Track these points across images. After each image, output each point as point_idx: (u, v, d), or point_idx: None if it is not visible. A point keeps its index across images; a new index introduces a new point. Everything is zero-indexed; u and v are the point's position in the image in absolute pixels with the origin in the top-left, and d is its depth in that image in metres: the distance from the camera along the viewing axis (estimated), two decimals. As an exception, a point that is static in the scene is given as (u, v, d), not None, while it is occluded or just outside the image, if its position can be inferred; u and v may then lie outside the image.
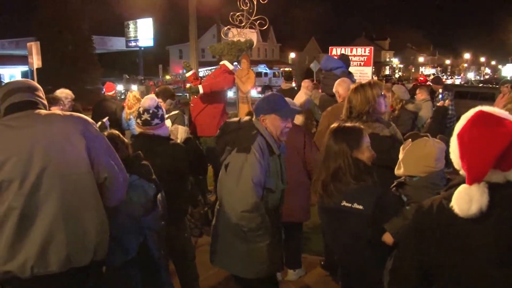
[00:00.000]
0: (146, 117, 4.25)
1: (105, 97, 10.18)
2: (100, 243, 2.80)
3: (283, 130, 3.67)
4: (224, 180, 3.62)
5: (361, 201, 3.04)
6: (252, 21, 8.55)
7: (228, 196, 3.56)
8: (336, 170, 3.16)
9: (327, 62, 7.24)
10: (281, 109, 3.67)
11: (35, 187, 2.59)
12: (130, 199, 3.28)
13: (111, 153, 2.91)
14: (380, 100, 4.19)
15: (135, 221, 3.34)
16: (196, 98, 7.29)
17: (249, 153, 3.47)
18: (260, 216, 3.50)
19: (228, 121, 3.78)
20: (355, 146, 3.18)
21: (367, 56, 11.00)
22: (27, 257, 2.59)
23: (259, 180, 3.47)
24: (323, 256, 5.74)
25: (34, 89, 2.90)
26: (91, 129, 2.84)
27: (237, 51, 7.82)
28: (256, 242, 3.58)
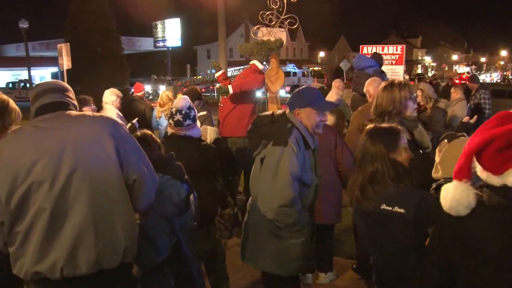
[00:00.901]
0: (179, 118, 4.27)
1: (134, 97, 10.27)
2: (129, 245, 2.80)
3: (319, 124, 3.66)
4: (259, 175, 3.60)
5: (402, 204, 2.95)
6: (282, 20, 8.55)
7: (264, 191, 3.54)
8: (374, 172, 3.07)
9: (359, 61, 7.20)
10: (316, 102, 3.66)
11: (65, 188, 2.60)
12: (163, 200, 3.29)
13: (140, 155, 2.91)
14: (407, 102, 4.12)
15: (168, 222, 3.35)
16: (225, 98, 7.29)
17: (286, 146, 3.45)
18: (298, 211, 3.49)
19: (261, 115, 3.77)
20: (392, 148, 3.10)
21: (399, 55, 10.86)
22: (57, 258, 2.61)
23: (296, 174, 3.46)
24: (355, 259, 5.69)
25: (64, 90, 2.91)
26: (120, 130, 2.84)
27: (267, 50, 7.81)
28: (291, 238, 3.57)
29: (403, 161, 3.13)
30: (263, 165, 3.56)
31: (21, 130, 2.74)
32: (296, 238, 3.58)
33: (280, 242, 3.60)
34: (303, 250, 3.63)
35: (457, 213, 2.02)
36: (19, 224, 2.62)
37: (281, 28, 8.96)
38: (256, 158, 3.68)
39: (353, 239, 5.76)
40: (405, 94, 4.10)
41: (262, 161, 3.58)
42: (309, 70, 50.80)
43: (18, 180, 2.57)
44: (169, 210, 3.35)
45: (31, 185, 2.58)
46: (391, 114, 4.11)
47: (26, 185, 2.58)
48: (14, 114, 3.53)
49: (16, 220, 2.62)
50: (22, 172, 2.58)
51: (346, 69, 30.15)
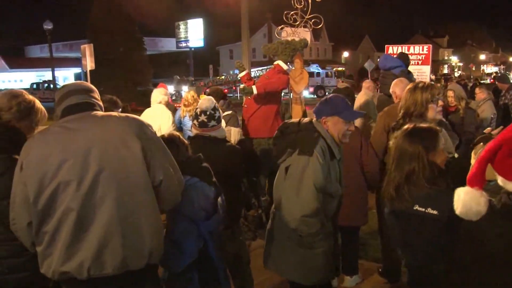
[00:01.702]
0: (203, 118, 4.28)
1: (158, 98, 10.32)
2: (156, 247, 2.82)
3: (345, 133, 3.66)
4: (283, 184, 3.61)
5: (436, 206, 2.95)
6: (307, 20, 8.53)
7: (287, 200, 3.54)
8: (410, 172, 3.06)
9: (385, 61, 7.15)
10: (344, 111, 3.65)
11: (92, 188, 2.63)
12: (191, 203, 3.31)
13: (167, 156, 2.92)
14: (430, 105, 4.08)
15: (195, 225, 3.37)
16: (249, 99, 7.29)
17: (312, 156, 3.45)
18: (320, 222, 3.49)
19: (288, 122, 3.77)
20: (431, 149, 3.09)
21: (425, 55, 10.76)
22: (84, 258, 2.63)
23: (320, 185, 3.45)
24: (380, 262, 5.66)
25: (90, 90, 2.95)
26: (147, 131, 2.85)
27: (291, 50, 7.78)
28: (314, 248, 3.57)
29: (440, 162, 3.12)
30: (287, 174, 3.57)
31: (48, 131, 2.78)
32: (319, 248, 3.58)
33: (303, 251, 3.60)
34: (326, 260, 3.63)
35: (468, 218, 2.05)
36: (46, 224, 2.66)
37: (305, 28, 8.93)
38: (281, 166, 3.68)
39: (379, 242, 5.72)
40: (427, 97, 4.08)
41: (287, 169, 3.58)
42: (333, 71, 50.56)
43: (46, 180, 2.62)
44: (197, 214, 3.36)
45: (59, 185, 2.62)
46: (412, 116, 4.09)
47: (54, 185, 2.62)
48: (40, 114, 3.58)
49: (43, 220, 2.66)
50: (50, 172, 2.62)
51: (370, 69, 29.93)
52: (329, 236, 3.63)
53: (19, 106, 3.42)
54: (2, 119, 3.40)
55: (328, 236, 3.61)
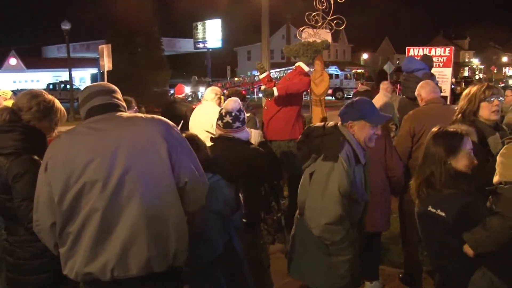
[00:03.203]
0: (228, 119, 4.27)
1: (175, 99, 10.37)
2: (180, 248, 2.82)
3: (372, 137, 3.63)
4: (307, 189, 3.60)
5: (445, 208, 3.09)
6: (329, 21, 8.50)
7: (312, 207, 3.53)
8: (430, 174, 3.20)
9: (409, 64, 7.09)
10: (371, 115, 3.63)
11: (118, 189, 2.64)
12: (216, 198, 3.33)
13: (192, 158, 2.92)
14: (485, 104, 4.01)
15: (221, 219, 3.38)
16: (270, 101, 7.27)
17: (337, 162, 3.43)
18: (345, 229, 3.46)
19: (312, 126, 3.75)
20: (452, 152, 3.17)
21: (446, 57, 10.70)
22: (108, 259, 2.64)
23: (345, 191, 3.43)
24: (402, 268, 5.62)
25: (112, 91, 2.96)
26: (173, 132, 2.86)
27: (313, 52, 7.77)
28: (338, 256, 3.55)
29: (463, 166, 3.18)
30: (311, 180, 3.55)
31: (74, 131, 2.79)
32: (344, 256, 3.55)
33: (328, 258, 3.58)
34: (351, 268, 3.60)
35: None
36: (71, 225, 2.67)
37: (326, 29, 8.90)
38: (305, 171, 3.67)
39: (400, 248, 5.69)
40: (479, 95, 4.01)
41: (311, 175, 3.57)
42: (352, 73, 50.41)
43: (72, 180, 2.63)
44: (222, 209, 3.39)
45: (84, 185, 2.63)
46: (465, 114, 4.06)
47: (79, 186, 2.63)
48: (59, 114, 3.62)
49: (68, 220, 2.67)
50: (76, 172, 2.63)
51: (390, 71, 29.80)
52: (354, 243, 3.60)
53: (39, 106, 3.46)
54: (22, 119, 3.44)
55: (353, 243, 3.58)
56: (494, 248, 2.98)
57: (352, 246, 3.56)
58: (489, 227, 2.97)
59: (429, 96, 5.30)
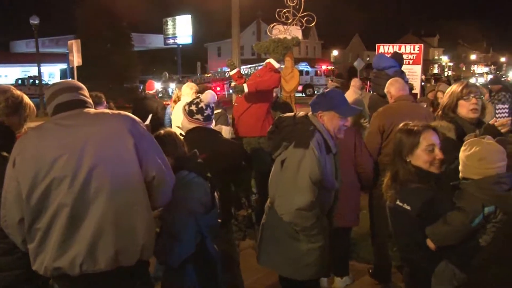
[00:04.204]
0: (209, 112, 4.34)
1: (146, 95, 10.33)
2: (147, 243, 2.85)
3: (341, 128, 3.69)
4: (279, 177, 3.63)
5: (410, 202, 3.21)
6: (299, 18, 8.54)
7: (283, 193, 3.57)
8: (396, 172, 3.34)
9: (379, 61, 7.13)
10: (341, 106, 3.69)
11: (86, 184, 2.66)
12: (191, 197, 3.33)
13: (158, 152, 2.96)
14: (462, 102, 4.05)
15: (194, 219, 3.38)
16: (240, 97, 7.28)
17: (308, 149, 3.48)
18: (315, 215, 3.51)
19: (283, 116, 3.79)
20: (408, 151, 3.31)
21: (416, 54, 10.83)
22: (76, 254, 2.66)
23: (316, 178, 3.48)
24: (371, 264, 5.70)
25: (79, 88, 2.98)
26: (139, 127, 2.90)
27: (283, 49, 7.79)
28: (309, 243, 3.60)
29: (422, 163, 3.29)
30: (283, 167, 3.59)
31: (42, 128, 2.80)
32: (313, 243, 3.61)
33: (298, 246, 3.63)
34: (321, 256, 3.65)
35: None
36: (39, 221, 2.68)
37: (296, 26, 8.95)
38: (276, 160, 3.71)
39: (370, 243, 5.75)
40: (458, 93, 4.06)
41: (283, 163, 3.60)
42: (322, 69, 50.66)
43: (40, 176, 2.64)
44: (196, 208, 3.38)
45: (52, 181, 2.64)
46: (445, 111, 4.13)
47: (48, 181, 2.64)
48: (29, 109, 3.59)
49: (36, 216, 2.68)
50: (44, 168, 2.64)
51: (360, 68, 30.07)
52: (325, 232, 3.65)
53: (7, 102, 3.42)
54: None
55: (324, 231, 3.63)
56: (455, 242, 3.07)
57: (322, 234, 3.61)
58: (450, 222, 3.07)
59: (398, 93, 5.37)
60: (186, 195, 3.27)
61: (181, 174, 3.37)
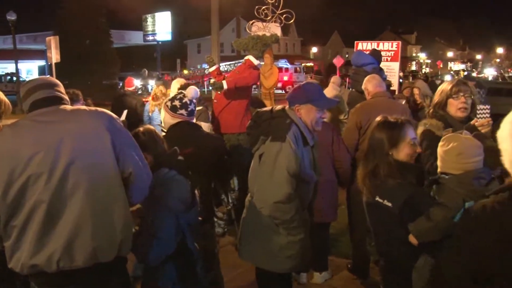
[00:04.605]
0: (192, 107, 4.40)
1: (125, 92, 10.27)
2: (125, 239, 2.86)
3: (318, 121, 3.72)
4: (257, 171, 3.66)
5: (391, 198, 3.15)
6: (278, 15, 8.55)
7: (261, 187, 3.60)
8: (375, 166, 3.26)
9: (358, 58, 7.18)
10: (317, 99, 3.71)
11: (62, 181, 2.65)
12: (171, 195, 3.32)
13: (135, 149, 2.96)
14: (451, 100, 4.05)
15: (175, 217, 3.36)
16: (219, 94, 7.28)
17: (284, 142, 3.50)
18: (294, 208, 3.53)
19: (260, 111, 3.81)
20: (392, 144, 3.24)
21: (394, 51, 10.91)
22: (53, 251, 2.65)
23: (294, 171, 3.50)
24: (350, 259, 5.73)
25: (55, 85, 2.97)
26: (116, 124, 2.90)
27: (262, 45, 7.80)
28: (289, 236, 3.62)
29: (404, 156, 3.26)
30: (261, 161, 3.62)
31: (18, 124, 2.78)
32: (293, 236, 3.63)
33: (278, 239, 3.65)
34: (301, 248, 3.68)
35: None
36: (16, 218, 2.66)
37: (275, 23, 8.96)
38: (255, 154, 3.74)
39: (349, 239, 5.79)
40: (448, 91, 4.06)
41: (261, 157, 3.64)
42: (301, 66, 50.83)
43: (16, 173, 2.61)
44: (176, 206, 3.36)
45: (29, 178, 2.62)
46: (435, 109, 4.14)
47: (24, 178, 2.62)
48: (4, 106, 3.56)
49: (13, 214, 2.66)
50: (20, 165, 2.61)
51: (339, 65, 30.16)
52: (305, 224, 3.69)
53: None
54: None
55: (304, 224, 3.66)
56: (437, 237, 3.08)
57: (303, 227, 3.64)
58: (432, 218, 3.06)
59: (375, 90, 5.42)
60: (166, 193, 3.26)
61: (161, 172, 3.35)
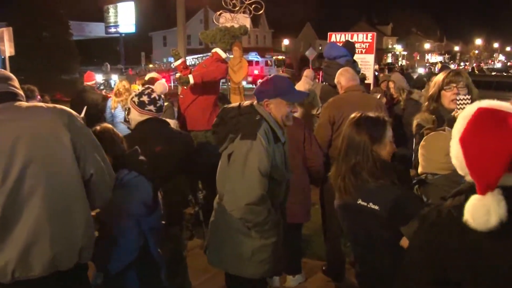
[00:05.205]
0: (161, 103, 4.39)
1: (85, 87, 10.18)
2: (86, 245, 2.80)
3: (289, 115, 3.69)
4: (226, 171, 3.61)
5: (377, 201, 3.03)
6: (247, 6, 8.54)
7: (231, 188, 3.54)
8: (355, 164, 3.12)
9: (331, 50, 7.21)
10: (287, 93, 3.69)
11: (18, 184, 2.57)
12: (131, 198, 3.29)
13: (97, 149, 2.91)
14: (444, 92, 4.06)
15: (136, 221, 3.33)
16: (186, 89, 7.24)
17: (255, 140, 3.46)
18: (267, 210, 3.50)
19: (227, 107, 3.77)
20: (376, 140, 3.13)
21: (369, 43, 10.96)
22: (8, 260, 2.57)
23: (265, 170, 3.47)
24: (325, 260, 5.75)
25: (8, 78, 2.87)
26: (76, 122, 2.83)
27: (230, 38, 7.79)
28: (261, 239, 3.60)
29: (386, 154, 3.18)
30: (230, 160, 3.57)
31: None
32: (266, 239, 3.61)
33: (250, 243, 3.62)
34: (274, 252, 3.66)
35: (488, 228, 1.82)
36: None
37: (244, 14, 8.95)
38: (223, 153, 3.69)
39: (323, 239, 5.81)
40: (440, 81, 4.06)
41: (230, 156, 3.58)
42: (273, 59, 50.89)
43: None
44: (138, 209, 3.33)
45: None
46: (429, 100, 4.15)
47: None
48: None
49: None
50: None
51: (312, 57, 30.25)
52: (278, 226, 3.66)
53: None
54: None
55: (277, 225, 3.64)
56: None
57: (276, 229, 3.62)
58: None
59: (348, 84, 5.44)
60: (126, 196, 3.23)
61: (120, 173, 3.31)
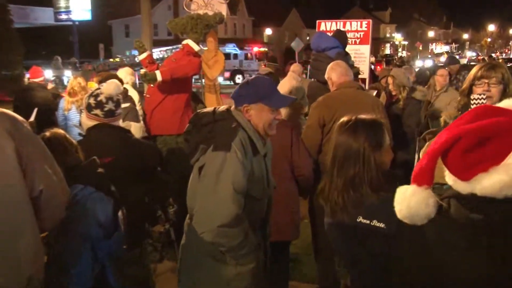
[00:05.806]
0: (111, 106, 4.31)
1: (31, 84, 10.13)
2: (35, 273, 2.77)
3: (272, 122, 3.65)
4: (197, 187, 3.57)
5: (382, 217, 2.97)
6: (223, -10, 8.61)
7: (202, 207, 3.50)
8: (354, 176, 3.08)
9: (319, 41, 7.24)
10: (270, 96, 3.64)
11: None
12: (86, 218, 3.25)
13: (48, 159, 2.86)
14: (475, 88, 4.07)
15: (92, 246, 3.30)
16: (152, 87, 7.24)
17: (229, 152, 3.42)
18: (243, 232, 3.47)
19: (200, 113, 3.72)
20: (378, 146, 3.12)
21: (364, 32, 10.92)
22: None
23: (241, 186, 3.44)
24: (316, 283, 5.78)
25: None
26: (21, 128, 2.77)
27: (203, 27, 7.81)
28: (237, 265, 3.57)
29: (387, 163, 3.19)
30: (201, 175, 3.53)
31: None
32: (243, 265, 3.58)
33: (225, 270, 3.60)
34: (253, 280, 3.64)
35: (412, 223, 2.12)
36: None
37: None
38: (194, 166, 3.65)
39: (313, 258, 5.82)
40: (472, 75, 4.10)
41: (200, 170, 3.55)
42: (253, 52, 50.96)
43: None
44: (94, 232, 3.30)
45: None
46: (461, 95, 4.20)
47: None
48: None
49: None
50: None
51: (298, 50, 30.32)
52: (257, 250, 3.64)
53: None
54: None
55: (256, 249, 3.61)
56: None
57: (254, 253, 3.60)
58: None
59: (341, 80, 5.48)
60: (79, 216, 3.19)
61: (73, 189, 3.25)
